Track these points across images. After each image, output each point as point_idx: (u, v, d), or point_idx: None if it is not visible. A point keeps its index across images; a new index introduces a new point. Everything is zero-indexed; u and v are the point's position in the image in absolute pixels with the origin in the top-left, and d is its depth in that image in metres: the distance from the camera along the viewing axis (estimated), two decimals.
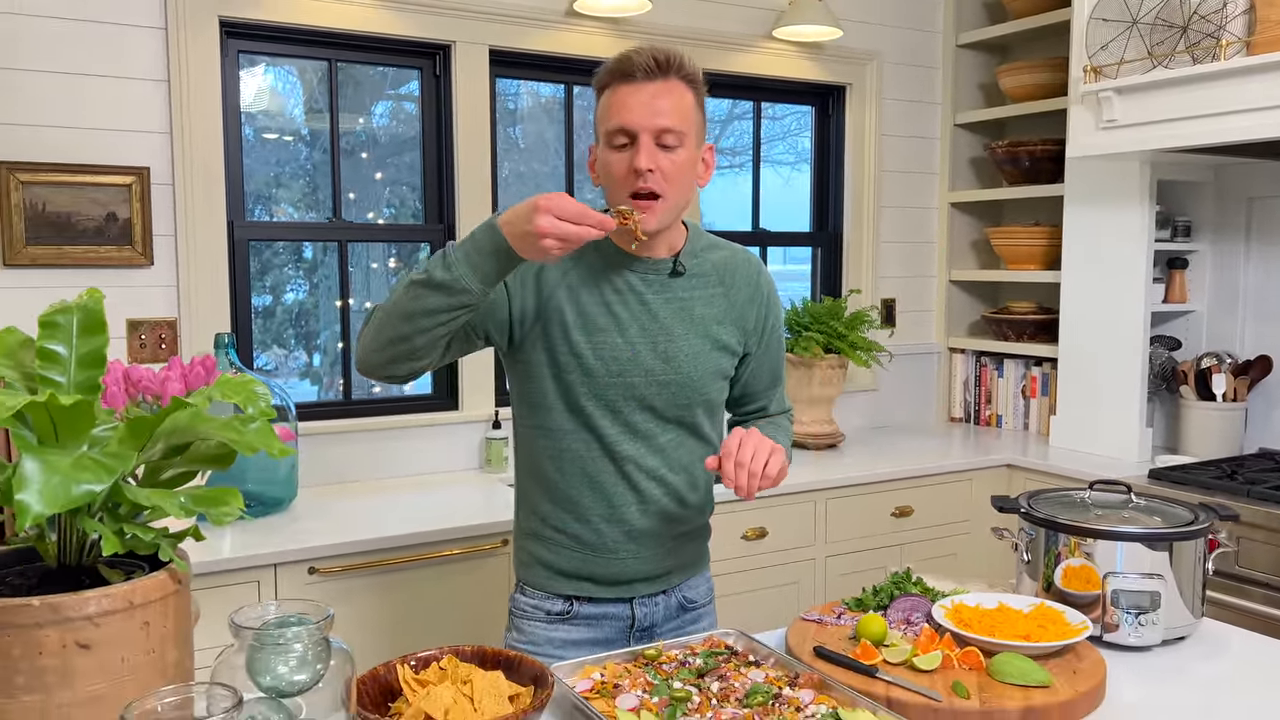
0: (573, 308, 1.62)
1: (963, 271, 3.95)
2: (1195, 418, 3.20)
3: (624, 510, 1.67)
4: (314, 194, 3.00)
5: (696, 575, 1.81)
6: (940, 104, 3.93)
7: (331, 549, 2.33)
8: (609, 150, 1.56)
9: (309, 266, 3.03)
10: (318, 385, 3.08)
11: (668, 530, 1.71)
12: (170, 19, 2.62)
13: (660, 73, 1.53)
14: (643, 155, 1.52)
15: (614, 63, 1.56)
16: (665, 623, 1.76)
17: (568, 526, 1.69)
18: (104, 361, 1.04)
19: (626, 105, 1.53)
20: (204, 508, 0.98)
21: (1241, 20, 2.59)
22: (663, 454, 1.68)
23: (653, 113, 1.52)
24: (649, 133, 1.52)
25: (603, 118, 1.57)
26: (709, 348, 1.68)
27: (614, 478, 1.66)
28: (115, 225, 2.60)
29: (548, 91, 3.29)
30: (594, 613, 1.72)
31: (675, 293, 1.66)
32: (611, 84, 1.56)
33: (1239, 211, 3.25)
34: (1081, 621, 1.56)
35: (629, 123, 1.53)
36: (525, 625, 1.73)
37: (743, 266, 1.74)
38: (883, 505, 3.12)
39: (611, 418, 1.64)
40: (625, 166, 1.54)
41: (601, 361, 1.61)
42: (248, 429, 1.03)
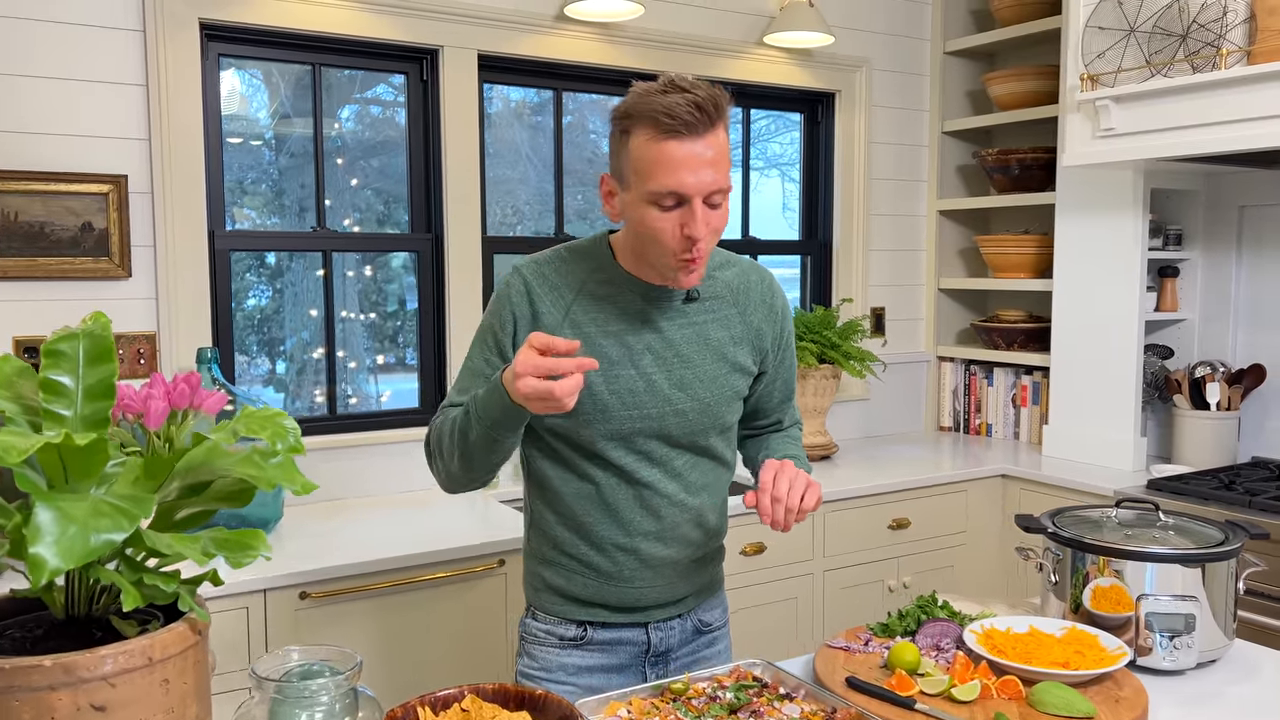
0: (582, 345, 1.55)
1: (951, 280, 3.93)
2: (1189, 427, 3.19)
3: (641, 538, 1.61)
4: (278, 200, 2.89)
5: (712, 597, 1.75)
6: (928, 111, 3.90)
7: (322, 573, 2.24)
8: (652, 209, 1.44)
9: (271, 273, 2.93)
10: (283, 393, 2.98)
11: (685, 556, 1.65)
12: (149, 21, 2.52)
13: (707, 124, 1.41)
14: (699, 224, 1.43)
15: (651, 108, 1.40)
16: (681, 646, 1.70)
17: (582, 554, 1.62)
18: (113, 392, 0.96)
19: (676, 168, 1.40)
20: (227, 552, 0.90)
21: (1241, 29, 2.58)
22: (680, 478, 1.62)
23: (707, 176, 1.41)
24: (701, 196, 1.43)
25: (643, 174, 1.43)
26: (725, 371, 1.62)
27: (632, 504, 1.60)
28: (91, 236, 2.49)
29: (518, 96, 3.20)
30: (608, 638, 1.65)
31: (690, 318, 1.60)
32: (650, 135, 1.41)
33: (1230, 220, 3.25)
34: (1119, 647, 1.52)
35: (683, 188, 1.41)
36: (537, 651, 1.67)
37: (756, 285, 1.68)
38: (880, 518, 3.08)
39: (627, 448, 1.58)
40: (675, 231, 1.44)
41: (616, 396, 1.55)
42: (269, 464, 0.95)
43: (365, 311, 3.06)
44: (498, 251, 3.14)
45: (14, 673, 0.81)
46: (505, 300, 1.58)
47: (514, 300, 1.57)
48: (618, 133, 1.47)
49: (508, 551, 2.44)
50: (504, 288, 1.59)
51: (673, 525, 1.62)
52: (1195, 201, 3.32)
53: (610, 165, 1.52)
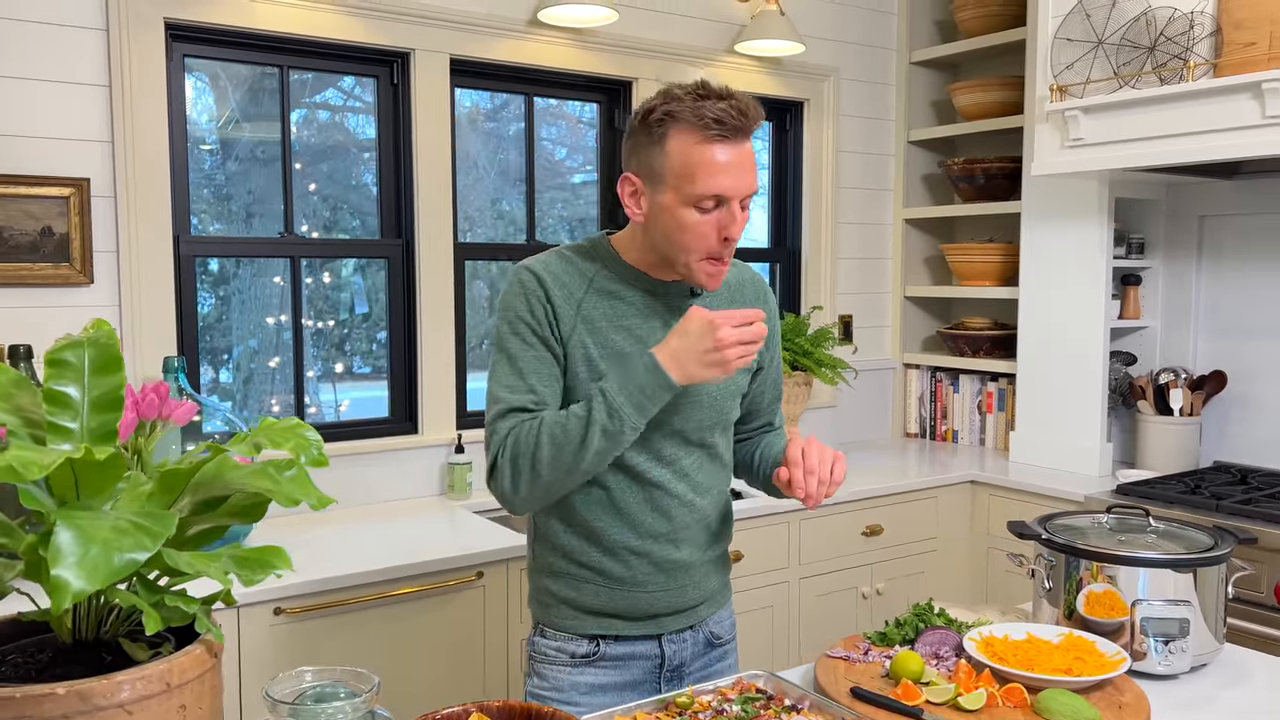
0: (595, 339, 1.55)
1: (917, 288, 3.96)
2: (1153, 432, 3.24)
3: (653, 540, 1.60)
4: (225, 205, 2.81)
5: (722, 609, 1.74)
6: (894, 121, 3.93)
7: (297, 588, 2.18)
8: (692, 211, 1.46)
9: (214, 280, 2.84)
10: (229, 402, 2.90)
11: (695, 558, 1.64)
12: (112, 20, 2.44)
13: (748, 130, 1.46)
14: (738, 225, 1.48)
15: (696, 112, 1.43)
16: (694, 660, 1.68)
17: (593, 560, 1.60)
18: (121, 404, 0.91)
19: (720, 171, 1.44)
20: (248, 570, 0.86)
21: (1208, 42, 2.63)
22: (688, 478, 1.62)
23: (746, 180, 1.47)
24: (740, 199, 1.48)
25: (685, 175, 1.45)
26: None
27: (644, 506, 1.59)
28: (51, 240, 2.41)
29: (470, 101, 3.15)
30: (621, 653, 1.62)
31: None
32: (694, 137, 1.44)
33: (1190, 229, 3.32)
34: (1117, 653, 1.53)
35: (726, 191, 1.45)
36: (547, 670, 1.63)
37: (750, 283, 1.74)
38: (853, 525, 3.08)
39: (641, 447, 1.56)
40: (712, 232, 1.48)
41: None
42: (284, 477, 0.91)
43: (317, 319, 2.98)
44: (470, 258, 3.09)
45: (25, 702, 0.76)
46: (523, 293, 1.55)
47: (532, 290, 1.54)
48: (653, 133, 1.47)
49: (486, 564, 2.40)
50: (517, 285, 1.56)
51: (683, 526, 1.61)
52: (1157, 211, 3.39)
53: (634, 166, 1.51)
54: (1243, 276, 3.20)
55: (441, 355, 2.96)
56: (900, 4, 3.88)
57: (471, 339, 3.14)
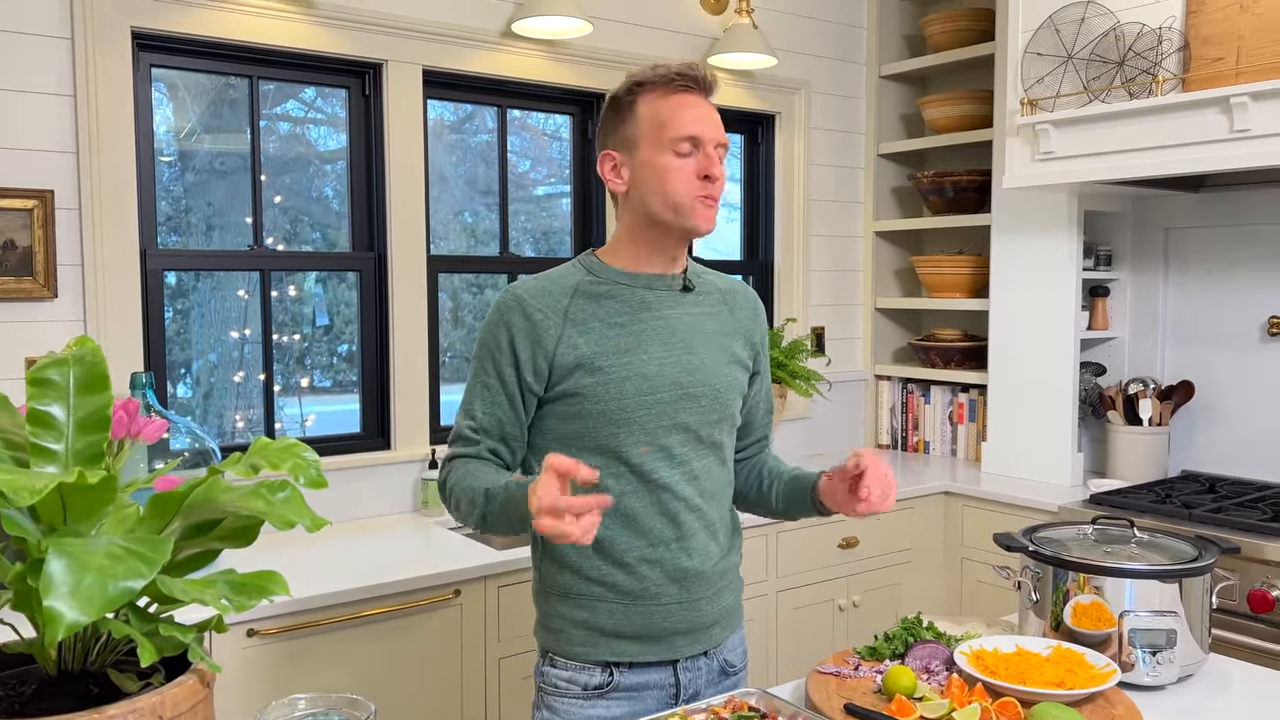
0: (587, 337, 1.55)
1: (888, 300, 3.98)
2: (1123, 442, 3.28)
3: (664, 547, 1.57)
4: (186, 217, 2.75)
5: (735, 634, 1.71)
6: (864, 134, 3.96)
7: (270, 609, 2.13)
8: (672, 157, 1.55)
9: (173, 292, 2.78)
10: (188, 415, 2.84)
11: (706, 567, 1.61)
12: (77, 29, 2.38)
13: (708, 88, 1.59)
14: (716, 164, 1.56)
15: (659, 74, 1.56)
16: (708, 688, 1.65)
17: (604, 574, 1.56)
18: (108, 424, 0.88)
19: (694, 116, 1.55)
20: (244, 596, 0.83)
21: (1176, 57, 2.67)
22: (697, 482, 1.61)
23: (716, 127, 1.57)
24: (713, 143, 1.56)
25: (661, 124, 1.55)
26: (726, 360, 1.65)
27: (652, 510, 1.56)
28: (14, 254, 2.34)
29: (434, 113, 3.12)
30: (635, 682, 1.59)
31: (687, 308, 1.64)
32: (663, 92, 1.56)
33: (1157, 241, 3.36)
34: (1106, 664, 1.53)
35: (700, 133, 1.54)
36: (558, 704, 1.58)
37: (741, 291, 1.76)
38: (829, 537, 3.08)
39: (645, 443, 1.55)
40: (693, 173, 1.55)
41: (630, 382, 1.54)
42: (277, 499, 0.88)
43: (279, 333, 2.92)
44: (443, 270, 3.06)
45: None
46: (499, 321, 1.58)
47: (507, 318, 1.57)
48: (622, 106, 1.58)
49: (463, 581, 2.36)
50: (495, 309, 1.60)
51: (691, 533, 1.59)
52: (1124, 223, 3.43)
53: (611, 143, 1.60)
54: (1208, 288, 3.25)
55: (414, 369, 2.92)
56: (870, 18, 3.91)
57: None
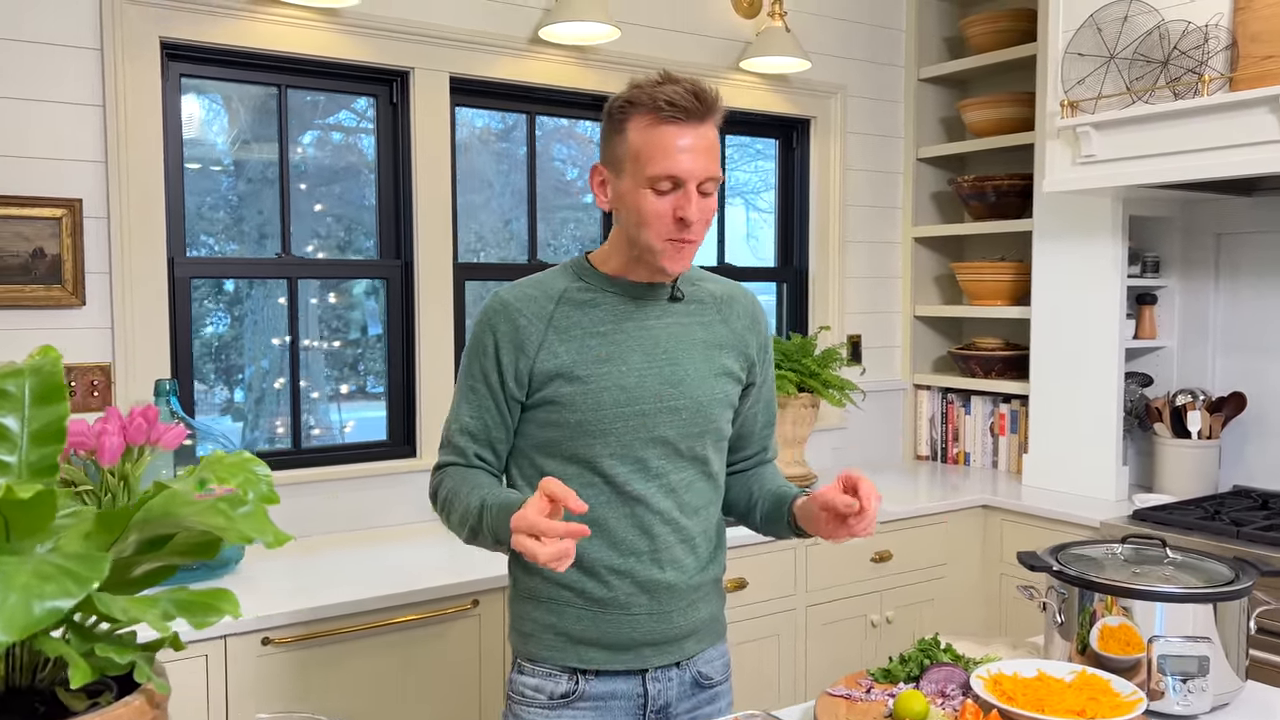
0: (569, 346, 1.52)
1: (927, 307, 3.89)
2: (1170, 455, 3.16)
3: (635, 559, 1.54)
4: (238, 226, 2.79)
5: (712, 648, 1.66)
6: (903, 138, 3.88)
7: (286, 617, 2.12)
8: (649, 193, 1.47)
9: (230, 299, 2.83)
10: (241, 422, 2.87)
11: (679, 580, 1.57)
12: (107, 40, 2.41)
13: (703, 113, 1.47)
14: (693, 207, 1.47)
15: (651, 96, 1.46)
16: (680, 701, 1.60)
17: (573, 581, 1.54)
18: (64, 436, 0.86)
19: (675, 152, 1.45)
20: (191, 615, 0.81)
21: (1223, 56, 2.57)
22: (675, 495, 1.56)
23: (702, 163, 1.47)
24: (696, 181, 1.47)
25: (640, 158, 1.47)
26: (713, 372, 1.60)
27: (624, 522, 1.53)
28: (43, 262, 2.37)
29: (481, 122, 3.13)
30: (603, 690, 1.56)
31: (676, 318, 1.60)
32: (648, 120, 1.46)
33: (1207, 247, 3.24)
34: (1133, 693, 1.45)
35: (679, 173, 1.46)
36: (524, 712, 1.56)
37: (740, 298, 1.70)
38: (862, 551, 3.01)
39: (621, 455, 1.52)
40: (668, 212, 1.48)
41: (608, 393, 1.51)
42: (237, 513, 0.86)
43: (327, 339, 2.95)
44: (470, 278, 3.05)
45: None
46: (485, 326, 1.58)
47: (493, 323, 1.56)
48: (614, 122, 1.51)
49: (481, 591, 2.34)
50: (482, 314, 1.60)
51: (665, 546, 1.55)
52: (1172, 229, 3.31)
53: (602, 155, 1.55)
54: (1261, 295, 3.12)
55: (441, 377, 2.91)
56: (908, 20, 3.83)
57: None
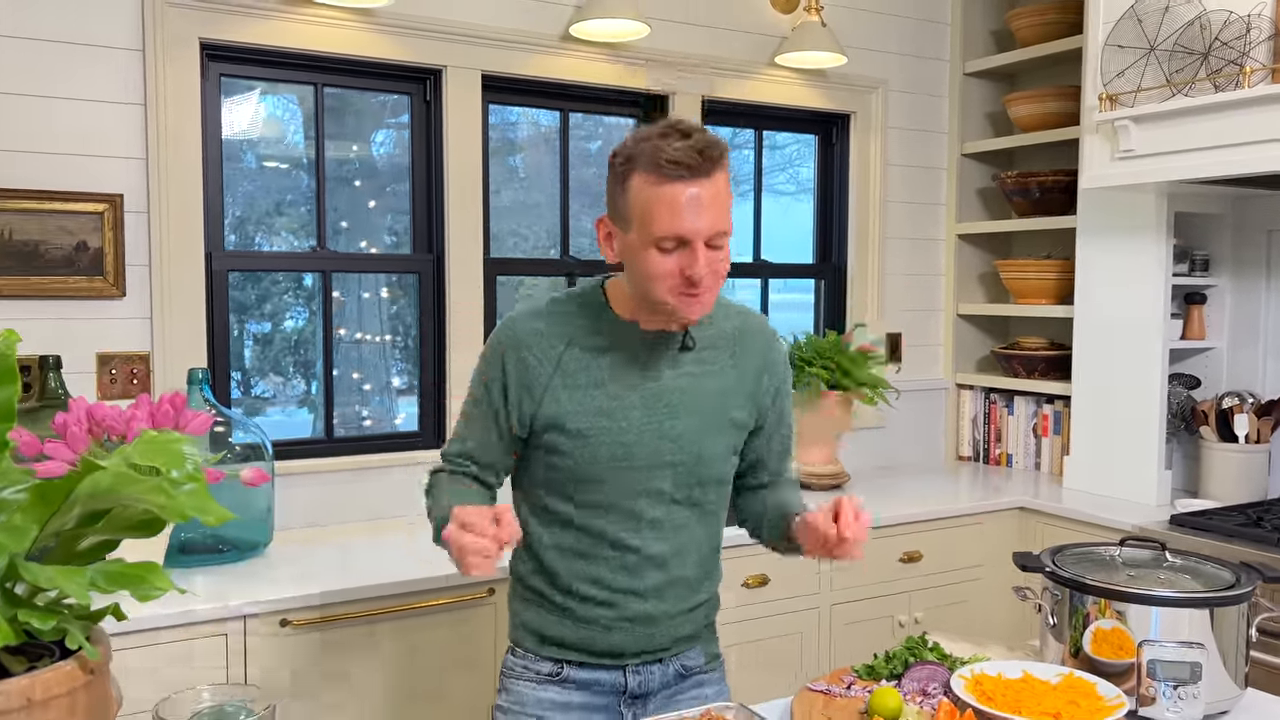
0: (570, 395, 1.51)
1: (971, 305, 3.83)
2: (1216, 460, 3.06)
3: (620, 595, 1.56)
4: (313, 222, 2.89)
5: (694, 647, 1.68)
6: (947, 133, 3.82)
7: (305, 599, 2.19)
8: (654, 252, 1.42)
9: (308, 294, 2.92)
10: (314, 414, 2.97)
11: (665, 611, 1.59)
12: (148, 41, 2.51)
13: (708, 168, 1.40)
14: (700, 265, 1.41)
15: (654, 153, 1.40)
16: (661, 689, 1.63)
17: (560, 601, 1.58)
18: (13, 415, 0.91)
19: (678, 212, 1.39)
20: (121, 587, 0.85)
21: (1265, 47, 2.48)
22: (668, 541, 1.57)
23: (707, 220, 1.41)
24: (703, 238, 1.41)
25: (645, 218, 1.41)
26: (719, 425, 1.57)
27: (613, 563, 1.55)
28: (86, 255, 2.48)
29: (547, 120, 3.19)
30: (584, 678, 1.60)
31: (684, 369, 1.56)
32: (652, 179, 1.40)
33: (1259, 245, 3.13)
34: (1116, 697, 1.42)
35: (685, 232, 1.40)
36: (514, 686, 1.62)
37: (756, 335, 1.65)
38: (890, 550, 2.97)
39: (615, 505, 1.53)
40: (675, 270, 1.43)
41: (604, 448, 1.50)
42: (179, 492, 0.90)
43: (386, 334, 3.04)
44: (501, 273, 3.09)
45: None
46: (495, 354, 1.58)
47: (504, 355, 1.56)
48: (617, 175, 1.45)
49: (497, 581, 2.38)
50: (495, 340, 1.59)
51: (653, 587, 1.57)
52: (1223, 226, 3.21)
53: (608, 208, 1.50)
54: None
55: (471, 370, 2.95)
56: (954, 14, 3.77)
57: None
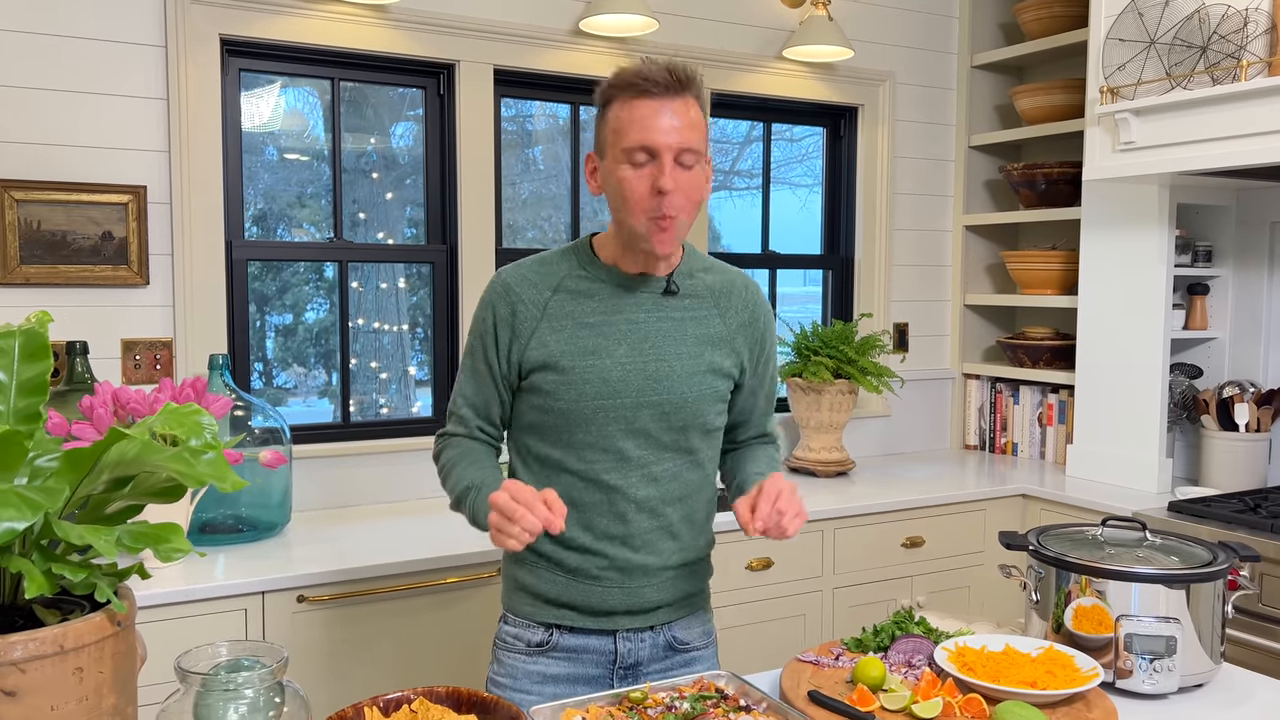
0: (558, 336, 1.58)
1: (977, 296, 3.87)
2: (1217, 449, 3.10)
3: (609, 542, 1.61)
4: (317, 212, 2.97)
5: (690, 616, 1.72)
6: (954, 126, 3.86)
7: (321, 576, 2.27)
8: (626, 167, 1.51)
9: (329, 286, 3.00)
10: (334, 405, 3.05)
11: (654, 563, 1.64)
12: (170, 37, 2.59)
13: (679, 89, 1.50)
14: (667, 176, 1.48)
15: (627, 76, 1.51)
16: (652, 662, 1.68)
17: (550, 551, 1.63)
18: (46, 388, 0.98)
19: (648, 123, 1.48)
20: (145, 545, 0.92)
21: (1263, 40, 2.52)
22: (657, 484, 1.62)
23: (676, 133, 1.49)
24: (671, 152, 1.49)
25: (618, 132, 1.51)
26: (702, 369, 1.62)
27: (601, 508, 1.60)
28: (111, 244, 2.57)
29: (565, 113, 3.26)
30: (574, 644, 1.65)
31: (668, 312, 1.62)
32: (625, 98, 1.51)
33: (1261, 236, 3.16)
34: (1092, 668, 1.48)
35: (652, 142, 1.48)
36: (505, 657, 1.67)
37: (740, 291, 1.70)
38: (893, 535, 3.03)
39: (601, 445, 1.58)
40: (646, 186, 1.50)
41: (590, 385, 1.57)
42: (199, 460, 0.97)
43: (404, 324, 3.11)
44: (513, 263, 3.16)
45: None
46: (486, 304, 1.65)
47: (494, 304, 1.63)
48: (600, 107, 1.56)
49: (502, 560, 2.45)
50: (485, 294, 1.67)
51: (639, 532, 1.61)
52: (1226, 217, 3.24)
53: (595, 144, 1.60)
54: None
55: None
56: (962, 6, 3.81)
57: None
